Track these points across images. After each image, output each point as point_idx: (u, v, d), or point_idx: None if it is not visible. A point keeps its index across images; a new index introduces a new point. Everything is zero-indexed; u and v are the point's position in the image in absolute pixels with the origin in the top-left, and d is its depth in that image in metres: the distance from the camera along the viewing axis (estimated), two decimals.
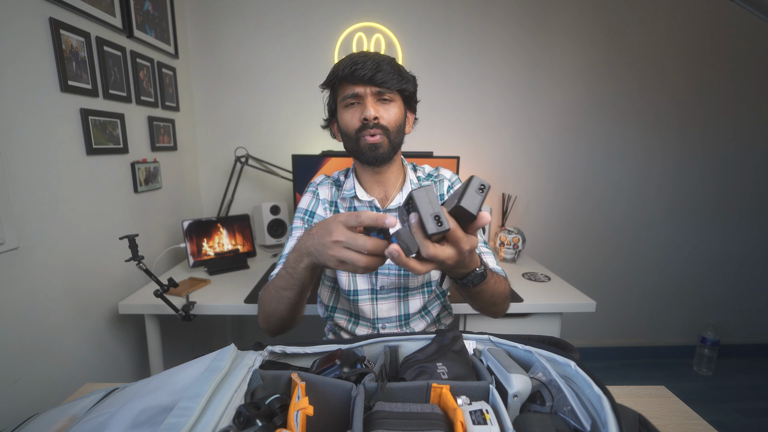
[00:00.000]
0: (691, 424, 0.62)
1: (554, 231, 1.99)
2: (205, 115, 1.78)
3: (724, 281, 2.09)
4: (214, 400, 0.40)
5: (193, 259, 1.45)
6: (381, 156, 0.79)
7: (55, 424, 0.46)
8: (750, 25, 1.80)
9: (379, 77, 0.74)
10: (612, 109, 1.88)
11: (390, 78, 0.74)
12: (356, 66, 0.73)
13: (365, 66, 0.73)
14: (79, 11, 1.06)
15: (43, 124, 0.97)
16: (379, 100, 0.77)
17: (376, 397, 0.45)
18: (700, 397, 1.84)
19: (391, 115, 0.78)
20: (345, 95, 0.77)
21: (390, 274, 0.85)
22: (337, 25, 1.72)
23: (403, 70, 0.79)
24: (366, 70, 0.73)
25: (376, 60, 0.75)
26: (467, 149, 1.85)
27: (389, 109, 0.78)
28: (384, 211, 0.85)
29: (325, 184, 0.92)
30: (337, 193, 0.90)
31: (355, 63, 0.74)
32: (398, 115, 0.79)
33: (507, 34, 1.77)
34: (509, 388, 0.44)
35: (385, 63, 0.75)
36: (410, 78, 0.80)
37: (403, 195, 0.86)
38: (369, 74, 0.73)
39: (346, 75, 0.74)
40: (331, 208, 0.90)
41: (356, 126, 0.77)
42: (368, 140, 0.77)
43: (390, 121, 0.78)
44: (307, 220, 0.89)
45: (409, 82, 0.79)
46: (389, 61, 0.77)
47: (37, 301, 0.95)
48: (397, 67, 0.77)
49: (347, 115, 0.79)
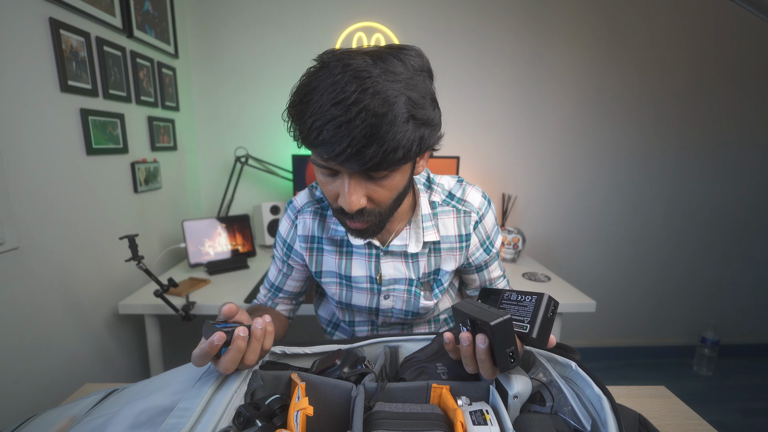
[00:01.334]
0: (691, 424, 0.62)
1: (554, 231, 1.99)
2: (205, 115, 1.78)
3: (724, 281, 2.09)
4: (213, 401, 0.40)
5: (193, 259, 1.45)
6: (372, 235, 0.58)
7: (55, 424, 0.46)
8: (750, 25, 1.79)
9: (368, 158, 0.44)
10: (612, 108, 1.87)
11: (391, 152, 0.44)
12: (329, 136, 0.43)
13: (349, 134, 0.42)
14: (79, 11, 1.05)
15: (43, 124, 0.97)
16: (367, 177, 0.50)
17: (376, 398, 0.45)
18: (700, 397, 1.84)
19: (384, 193, 0.52)
20: (315, 160, 0.50)
21: (395, 317, 0.74)
22: (337, 25, 1.72)
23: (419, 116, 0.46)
24: (346, 144, 0.42)
25: (372, 117, 0.42)
26: (467, 149, 1.85)
27: (383, 185, 0.51)
28: (384, 251, 0.68)
29: (305, 213, 0.70)
30: (321, 226, 0.70)
31: (327, 127, 0.42)
32: (398, 185, 0.53)
33: (507, 34, 1.77)
34: (510, 388, 0.44)
35: (386, 120, 0.43)
36: (430, 126, 0.48)
37: (411, 234, 0.67)
38: (351, 151, 0.43)
39: (314, 143, 0.45)
40: (312, 246, 0.70)
41: (334, 204, 0.54)
42: (350, 225, 0.56)
43: (383, 201, 0.53)
44: (285, 253, 0.74)
45: (425, 139, 0.48)
46: (396, 107, 0.43)
47: (37, 301, 0.95)
48: (409, 114, 0.45)
49: (321, 182, 0.54)
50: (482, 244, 0.72)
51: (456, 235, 0.70)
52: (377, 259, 0.69)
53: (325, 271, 0.72)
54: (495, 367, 0.44)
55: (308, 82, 0.46)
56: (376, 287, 0.70)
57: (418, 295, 0.71)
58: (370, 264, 0.69)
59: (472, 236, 0.71)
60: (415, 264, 0.70)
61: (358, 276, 0.70)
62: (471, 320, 0.45)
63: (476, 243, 0.72)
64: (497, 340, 0.41)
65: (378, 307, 0.72)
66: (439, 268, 0.71)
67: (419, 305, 0.71)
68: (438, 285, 0.72)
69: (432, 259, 0.70)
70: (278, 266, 0.78)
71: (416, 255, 0.69)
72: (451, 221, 0.69)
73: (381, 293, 0.71)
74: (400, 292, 0.71)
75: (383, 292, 0.70)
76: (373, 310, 0.74)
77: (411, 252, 0.68)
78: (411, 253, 0.69)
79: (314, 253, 0.72)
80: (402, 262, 0.69)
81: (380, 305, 0.72)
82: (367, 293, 0.71)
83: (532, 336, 0.44)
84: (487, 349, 0.43)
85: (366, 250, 0.69)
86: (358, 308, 0.74)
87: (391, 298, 0.71)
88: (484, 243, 0.72)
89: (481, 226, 0.71)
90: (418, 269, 0.70)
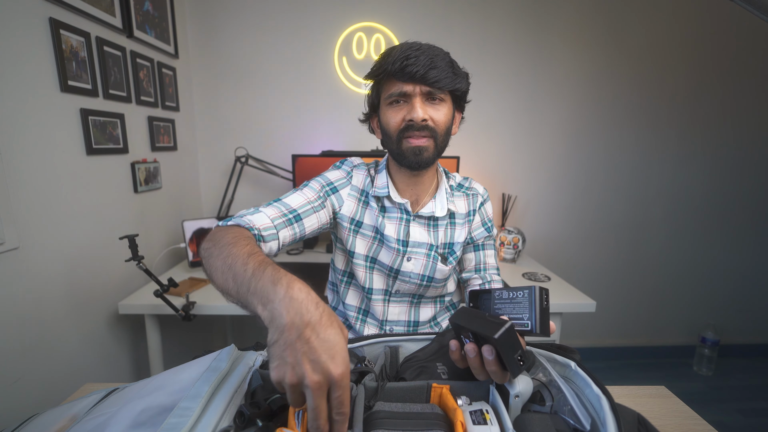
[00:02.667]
0: (691, 424, 0.62)
1: (554, 231, 1.99)
2: (205, 115, 1.78)
3: (724, 281, 2.09)
4: (214, 400, 0.40)
5: (193, 259, 1.45)
6: (425, 161, 0.73)
7: (56, 424, 0.46)
8: (750, 25, 1.79)
9: (431, 75, 0.67)
10: (612, 109, 1.88)
11: (444, 77, 0.68)
12: (408, 61, 0.66)
13: (418, 62, 0.66)
14: (79, 11, 1.06)
15: (43, 124, 0.97)
16: (428, 100, 0.71)
17: (377, 397, 0.45)
18: (700, 397, 1.84)
19: (440, 116, 0.72)
20: (391, 92, 0.71)
21: (410, 282, 0.82)
22: (337, 25, 1.72)
23: (456, 67, 0.72)
24: (418, 67, 0.66)
25: (430, 55, 0.67)
26: (467, 149, 1.85)
27: (439, 110, 0.72)
28: (414, 217, 0.82)
29: (361, 169, 0.85)
30: (370, 185, 0.83)
31: (406, 57, 0.66)
32: (448, 116, 0.73)
33: (507, 34, 1.77)
34: (511, 388, 0.44)
35: (439, 58, 0.68)
36: (464, 75, 0.73)
37: (436, 202, 0.82)
38: (421, 72, 0.66)
39: (395, 70, 0.67)
40: (361, 198, 0.83)
41: (400, 126, 0.72)
42: (412, 143, 0.71)
43: (439, 122, 0.72)
44: (327, 191, 0.81)
45: (463, 81, 0.72)
46: (443, 55, 0.70)
47: (37, 301, 0.95)
48: (451, 62, 0.70)
49: (391, 114, 0.72)
50: (484, 224, 0.88)
51: (465, 212, 0.86)
52: (407, 223, 0.82)
53: (365, 223, 0.83)
54: (505, 371, 0.44)
55: (386, 52, 0.71)
56: (402, 249, 0.81)
57: (436, 258, 0.82)
58: (400, 227, 0.82)
59: (476, 213, 0.87)
60: (436, 232, 0.83)
61: (389, 236, 0.80)
62: (473, 333, 0.45)
63: (479, 221, 0.88)
64: (504, 349, 0.41)
65: (399, 268, 0.81)
66: (453, 242, 0.84)
67: (436, 268, 0.81)
68: (452, 254, 0.84)
69: (448, 230, 0.84)
70: (309, 197, 0.77)
71: (437, 223, 0.83)
72: (462, 202, 0.86)
73: (405, 255, 0.81)
74: (420, 255, 0.81)
75: (407, 254, 0.81)
76: (393, 272, 0.82)
77: (437, 215, 0.82)
78: (436, 217, 0.83)
79: (360, 204, 0.83)
80: (425, 228, 0.83)
81: (402, 267, 0.81)
82: (393, 252, 0.81)
83: (536, 331, 0.44)
84: (496, 360, 0.43)
85: (398, 213, 0.82)
86: (380, 266, 0.83)
87: (412, 261, 0.81)
88: (486, 223, 0.89)
89: (483, 209, 0.88)
90: (437, 237, 0.83)
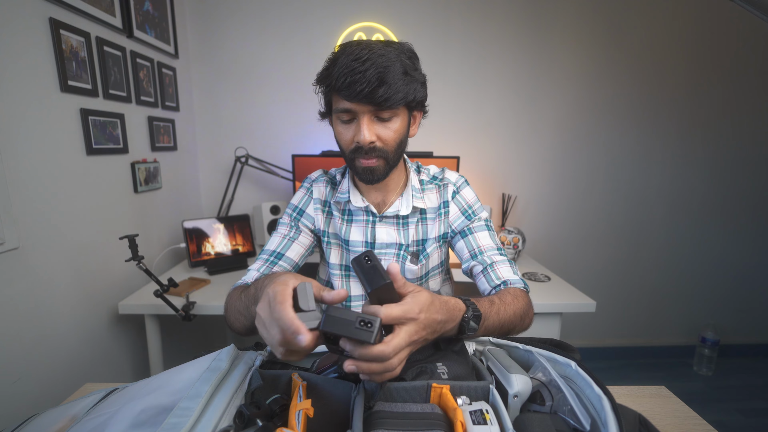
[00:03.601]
0: (691, 424, 0.62)
1: (554, 231, 1.99)
2: (205, 115, 1.78)
3: (724, 281, 2.09)
4: (214, 400, 0.40)
5: (193, 259, 1.45)
6: (378, 178, 0.72)
7: (55, 424, 0.46)
8: (750, 25, 1.79)
9: (379, 94, 0.62)
10: (612, 109, 1.87)
11: (393, 93, 0.63)
12: (353, 77, 0.61)
13: (364, 78, 0.61)
14: (79, 11, 1.06)
15: (43, 124, 0.97)
16: (377, 117, 0.67)
17: (376, 397, 0.45)
18: (700, 397, 1.84)
19: (390, 133, 0.69)
20: (338, 108, 0.67)
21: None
22: (337, 25, 1.72)
23: (412, 72, 0.67)
24: (364, 85, 0.61)
25: (379, 67, 0.62)
26: (467, 149, 1.85)
27: (389, 127, 0.69)
28: (381, 218, 0.80)
29: (320, 181, 0.86)
30: (331, 193, 0.84)
31: (352, 71, 0.61)
32: (400, 130, 0.70)
33: (507, 34, 1.77)
34: (509, 388, 0.44)
35: (390, 70, 0.62)
36: (419, 82, 0.70)
37: (403, 201, 0.80)
38: (367, 90, 0.61)
39: (339, 87, 0.63)
40: (324, 209, 0.84)
41: (350, 147, 0.70)
42: (363, 163, 0.70)
43: (388, 141, 0.69)
44: (295, 217, 0.84)
45: (417, 90, 0.68)
46: (395, 63, 0.64)
47: (37, 301, 0.95)
48: (405, 70, 0.65)
49: (340, 131, 0.71)
50: (463, 213, 0.83)
51: (437, 206, 0.83)
52: (373, 225, 0.81)
53: (330, 233, 0.84)
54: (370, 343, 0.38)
55: (333, 57, 0.66)
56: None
57: (405, 258, 0.81)
58: (366, 229, 0.81)
59: (450, 204, 0.83)
60: (406, 231, 0.81)
61: (356, 240, 0.81)
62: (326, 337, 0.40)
63: (456, 211, 0.83)
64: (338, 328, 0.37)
65: None
66: (426, 238, 0.82)
67: (405, 268, 0.80)
68: (423, 252, 0.82)
69: (420, 227, 0.82)
70: (283, 233, 0.83)
71: (406, 221, 0.81)
72: (434, 195, 0.84)
73: None
74: (389, 256, 0.81)
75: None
76: None
77: (402, 214, 0.80)
78: (402, 217, 0.81)
79: (325, 215, 0.84)
80: (394, 228, 0.81)
81: None
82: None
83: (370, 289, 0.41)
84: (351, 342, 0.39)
85: (364, 216, 0.81)
86: (354, 274, 0.82)
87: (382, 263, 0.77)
88: (465, 212, 0.83)
89: (459, 196, 0.83)
90: (407, 235, 0.81)
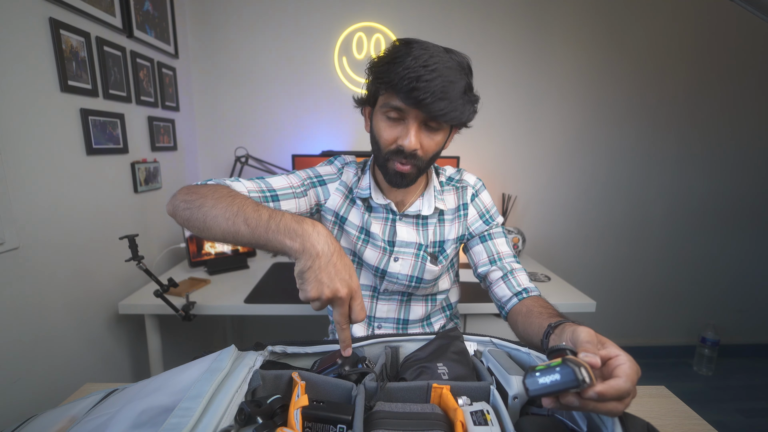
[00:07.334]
0: (691, 424, 0.62)
1: (554, 231, 1.99)
2: (205, 115, 1.78)
3: (723, 281, 2.09)
4: (215, 401, 0.40)
5: (193, 259, 1.45)
6: (406, 183, 0.71)
7: (55, 425, 0.46)
8: (750, 25, 1.79)
9: (438, 108, 0.60)
10: (612, 108, 1.87)
11: (451, 110, 0.61)
12: (418, 83, 0.58)
13: (429, 87, 0.58)
14: (79, 11, 1.05)
15: (43, 124, 0.97)
16: (425, 126, 0.66)
17: (377, 397, 0.45)
18: (700, 397, 1.84)
19: (433, 144, 0.68)
20: (389, 104, 0.65)
21: (399, 283, 0.79)
22: (337, 25, 1.72)
23: (470, 94, 0.65)
24: (427, 95, 0.59)
25: (444, 80, 0.59)
26: (467, 149, 1.85)
27: (434, 138, 0.67)
28: (401, 216, 0.79)
29: (351, 167, 0.83)
30: (356, 184, 0.82)
31: (418, 78, 0.59)
32: (441, 142, 0.70)
33: (506, 34, 1.77)
34: (509, 389, 0.44)
35: (453, 86, 0.60)
36: (474, 103, 0.67)
37: (423, 201, 0.79)
38: (429, 100, 0.59)
39: (401, 89, 0.60)
40: (348, 195, 0.81)
41: (389, 147, 0.68)
42: (398, 167, 0.68)
43: (429, 151, 0.68)
44: (312, 182, 0.79)
45: (470, 113, 0.66)
46: (459, 82, 0.62)
47: (37, 301, 0.95)
48: (465, 91, 0.63)
49: (383, 127, 0.68)
50: (481, 216, 0.83)
51: (455, 207, 0.83)
52: (393, 223, 0.80)
53: (349, 221, 0.81)
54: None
55: (395, 50, 0.63)
56: (389, 248, 0.79)
57: (425, 258, 0.79)
58: (386, 227, 0.80)
59: (469, 206, 0.83)
60: (425, 231, 0.81)
61: (376, 233, 0.79)
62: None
63: (474, 214, 0.83)
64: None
65: (386, 269, 0.79)
66: (444, 240, 0.81)
67: (425, 269, 0.78)
68: (442, 253, 0.81)
69: (438, 228, 0.81)
70: (292, 182, 0.76)
71: (426, 221, 0.81)
72: (452, 197, 0.83)
73: (392, 254, 0.78)
74: (408, 255, 0.79)
75: (394, 254, 0.79)
76: (379, 272, 0.80)
77: (424, 214, 0.79)
78: (423, 217, 0.80)
79: (347, 202, 0.81)
80: (414, 228, 0.80)
81: (388, 268, 0.79)
82: (380, 252, 0.79)
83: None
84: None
85: (383, 213, 0.80)
86: (366, 266, 0.81)
87: (399, 261, 0.79)
88: (483, 216, 0.83)
89: (478, 200, 0.83)
90: (427, 236, 0.80)
